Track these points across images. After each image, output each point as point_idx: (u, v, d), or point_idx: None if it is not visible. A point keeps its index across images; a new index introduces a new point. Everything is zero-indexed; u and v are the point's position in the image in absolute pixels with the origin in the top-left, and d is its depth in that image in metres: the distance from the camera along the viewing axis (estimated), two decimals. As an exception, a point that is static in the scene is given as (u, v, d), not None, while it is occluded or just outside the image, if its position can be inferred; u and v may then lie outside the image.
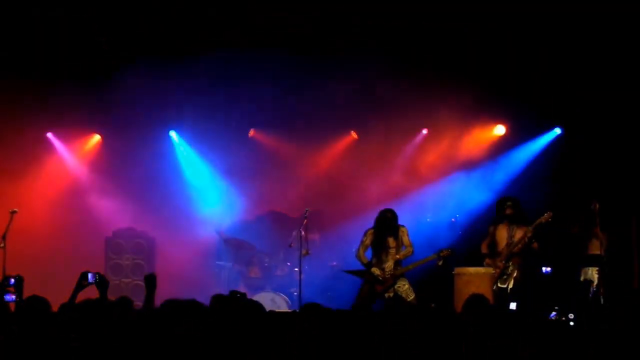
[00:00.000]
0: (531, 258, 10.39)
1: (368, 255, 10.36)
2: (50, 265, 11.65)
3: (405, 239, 10.43)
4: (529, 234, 10.17)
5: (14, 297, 7.61)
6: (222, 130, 12.57)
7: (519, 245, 10.22)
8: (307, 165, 12.68)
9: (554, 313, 5.03)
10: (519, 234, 10.30)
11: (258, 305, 4.93)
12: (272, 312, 5.40)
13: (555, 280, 10.69)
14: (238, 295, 5.82)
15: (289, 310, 10.56)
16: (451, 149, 12.47)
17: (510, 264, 10.26)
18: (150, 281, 5.55)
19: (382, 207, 10.54)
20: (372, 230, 10.43)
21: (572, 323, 5.07)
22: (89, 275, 5.77)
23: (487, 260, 10.40)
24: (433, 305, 10.20)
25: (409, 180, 12.63)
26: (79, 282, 5.74)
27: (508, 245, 10.30)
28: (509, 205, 10.43)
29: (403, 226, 10.48)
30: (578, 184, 11.54)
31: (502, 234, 10.42)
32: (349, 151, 12.95)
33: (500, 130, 12.70)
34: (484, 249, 10.54)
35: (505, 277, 10.23)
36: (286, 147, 12.75)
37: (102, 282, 5.76)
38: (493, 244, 10.46)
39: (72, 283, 5.89)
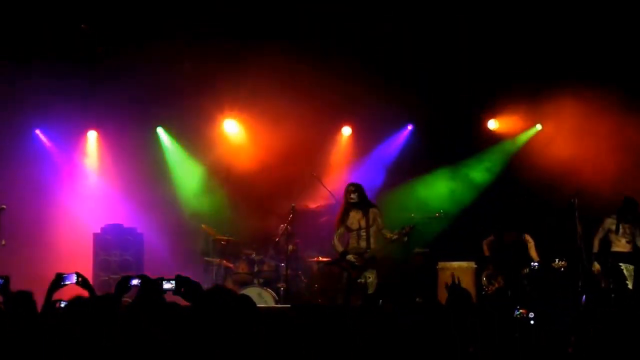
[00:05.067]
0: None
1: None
2: (37, 261, 11.67)
3: (380, 221, 10.05)
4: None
5: None
6: (207, 126, 12.66)
7: None
8: (294, 160, 12.77)
9: (517, 310, 5.19)
10: None
11: (247, 300, 5.02)
12: (261, 307, 5.46)
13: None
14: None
15: (276, 306, 10.67)
16: (436, 144, 12.64)
17: None
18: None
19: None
20: (339, 214, 10.21)
21: (532, 322, 5.24)
22: (67, 277, 5.40)
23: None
24: (419, 299, 10.45)
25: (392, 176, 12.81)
26: (55, 284, 5.39)
27: None
28: None
29: (374, 207, 10.18)
30: (558, 178, 11.73)
31: None
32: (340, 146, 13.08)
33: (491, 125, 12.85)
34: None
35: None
36: (274, 141, 12.86)
37: (85, 281, 5.49)
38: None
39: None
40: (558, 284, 10.13)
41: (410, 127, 13.04)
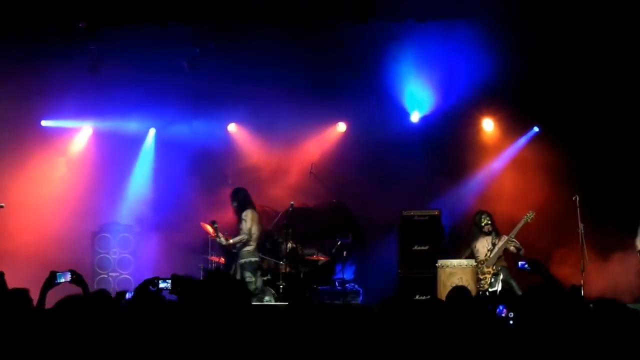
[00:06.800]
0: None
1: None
2: (36, 259, 11.63)
3: (242, 225, 10.94)
4: (512, 240, 10.55)
5: None
6: (203, 124, 12.64)
7: (502, 249, 10.67)
8: (291, 158, 12.74)
9: (501, 309, 5.16)
10: (500, 241, 10.73)
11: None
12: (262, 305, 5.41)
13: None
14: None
15: (276, 303, 10.67)
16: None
17: (498, 268, 10.57)
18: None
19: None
20: None
21: (511, 322, 5.26)
22: (59, 275, 5.41)
23: None
24: (417, 297, 10.48)
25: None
26: (49, 282, 5.37)
27: (490, 250, 10.66)
28: (486, 218, 10.83)
29: (246, 209, 10.96)
30: (559, 178, 11.72)
31: (483, 244, 10.79)
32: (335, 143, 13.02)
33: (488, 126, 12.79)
34: None
35: (492, 280, 10.47)
36: (268, 140, 12.83)
37: (80, 278, 5.52)
38: (471, 255, 10.83)
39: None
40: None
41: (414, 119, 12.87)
